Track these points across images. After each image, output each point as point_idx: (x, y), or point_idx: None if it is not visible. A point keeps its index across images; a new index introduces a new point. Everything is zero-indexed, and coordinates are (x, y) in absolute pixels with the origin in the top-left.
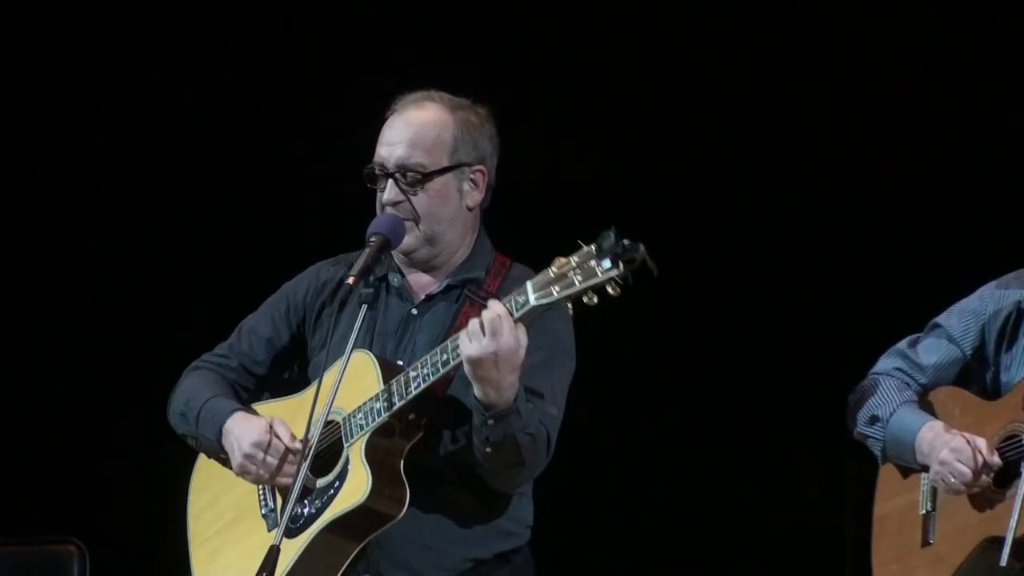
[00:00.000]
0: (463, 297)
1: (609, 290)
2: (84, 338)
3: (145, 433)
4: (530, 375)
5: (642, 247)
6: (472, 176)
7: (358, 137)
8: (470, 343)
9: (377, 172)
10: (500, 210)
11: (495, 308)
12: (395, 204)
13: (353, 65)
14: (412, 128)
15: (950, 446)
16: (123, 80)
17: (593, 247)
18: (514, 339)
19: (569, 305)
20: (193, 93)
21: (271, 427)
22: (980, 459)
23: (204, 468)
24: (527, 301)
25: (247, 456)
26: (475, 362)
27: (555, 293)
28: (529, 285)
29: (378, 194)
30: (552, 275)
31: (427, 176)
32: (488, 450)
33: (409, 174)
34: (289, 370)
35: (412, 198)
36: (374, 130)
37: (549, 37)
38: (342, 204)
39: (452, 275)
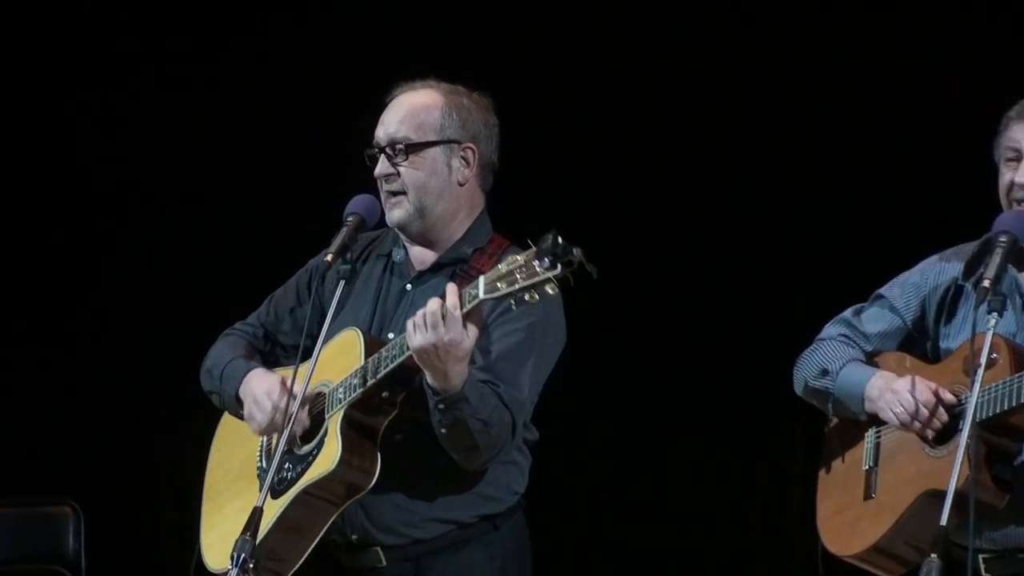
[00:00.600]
0: (456, 274)
1: (548, 290)
2: (84, 307)
3: (140, 400)
4: (499, 360)
5: (578, 251)
6: (462, 153)
7: (359, 133)
8: (415, 333)
9: (375, 152)
10: (517, 196)
11: (437, 302)
12: (386, 177)
13: (351, 65)
14: (404, 108)
15: (899, 382)
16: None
17: (535, 248)
18: (457, 332)
19: (529, 303)
20: (198, 90)
21: (283, 381)
22: (927, 394)
23: (226, 425)
24: (477, 295)
25: (256, 402)
26: (418, 352)
27: (501, 289)
28: (481, 280)
29: (375, 171)
30: (502, 271)
31: (412, 147)
32: (443, 431)
33: (397, 147)
34: (311, 338)
35: (401, 169)
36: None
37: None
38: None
39: (445, 254)
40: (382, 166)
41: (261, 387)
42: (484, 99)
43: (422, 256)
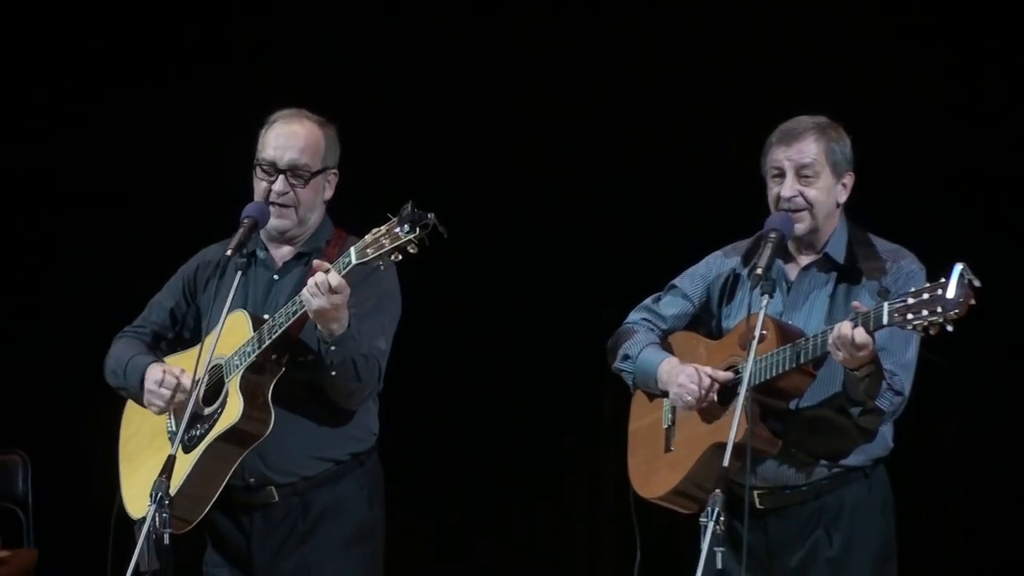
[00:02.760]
0: (311, 262)
1: (410, 249)
2: (34, 261)
3: (81, 356)
4: (362, 319)
5: (432, 216)
6: (331, 176)
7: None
8: (312, 299)
9: (268, 168)
10: (346, 195)
11: (322, 275)
12: (283, 194)
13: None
14: (300, 137)
15: (685, 372)
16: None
17: (396, 218)
18: (342, 287)
19: (392, 261)
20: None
21: (166, 370)
22: (706, 380)
23: (131, 408)
24: (351, 261)
25: (149, 392)
26: (317, 311)
27: (370, 254)
28: (352, 250)
29: (262, 184)
30: (368, 241)
31: (311, 175)
32: (333, 373)
33: (299, 172)
34: (189, 330)
35: (297, 191)
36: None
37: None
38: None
39: (303, 246)
40: (281, 186)
41: (152, 378)
42: (334, 127)
43: (282, 252)
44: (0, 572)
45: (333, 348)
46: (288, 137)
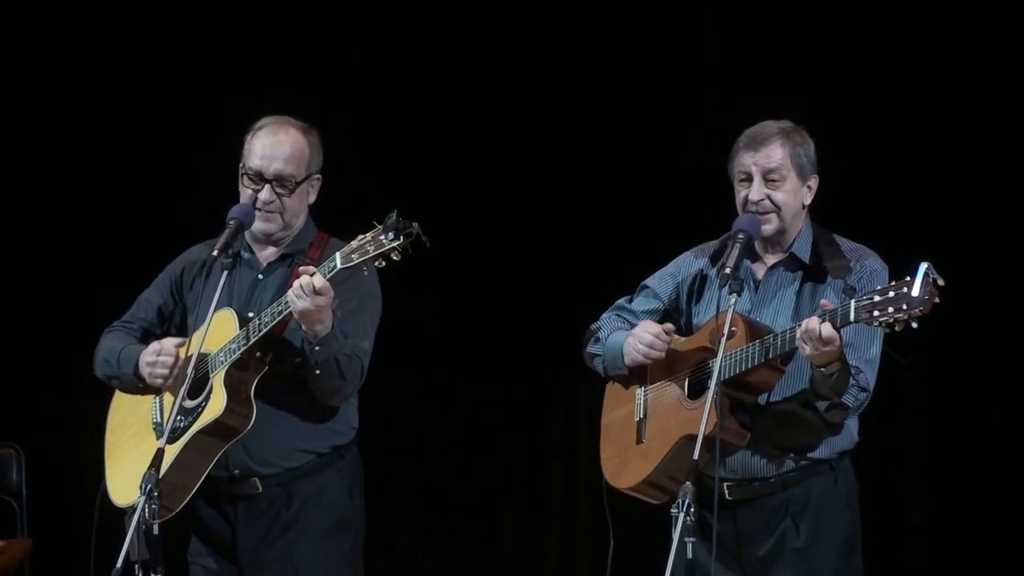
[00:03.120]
0: (294, 263)
1: (394, 256)
2: (25, 259)
3: (74, 354)
4: (345, 319)
5: (416, 225)
6: (314, 182)
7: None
8: (298, 300)
9: (254, 176)
10: (330, 198)
11: (307, 277)
12: (269, 202)
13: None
14: (285, 147)
15: (639, 327)
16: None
17: (381, 225)
18: (326, 289)
19: (375, 266)
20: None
21: (163, 343)
22: (655, 328)
23: (118, 400)
24: (336, 266)
25: (150, 364)
26: (302, 312)
27: (355, 259)
28: (338, 255)
29: (248, 191)
30: (354, 247)
31: (297, 183)
32: (317, 371)
33: (285, 182)
34: (176, 326)
35: (283, 199)
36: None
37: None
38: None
39: (286, 247)
40: (268, 194)
41: (149, 352)
42: (317, 133)
43: (266, 253)
44: None
45: (318, 348)
46: (274, 147)
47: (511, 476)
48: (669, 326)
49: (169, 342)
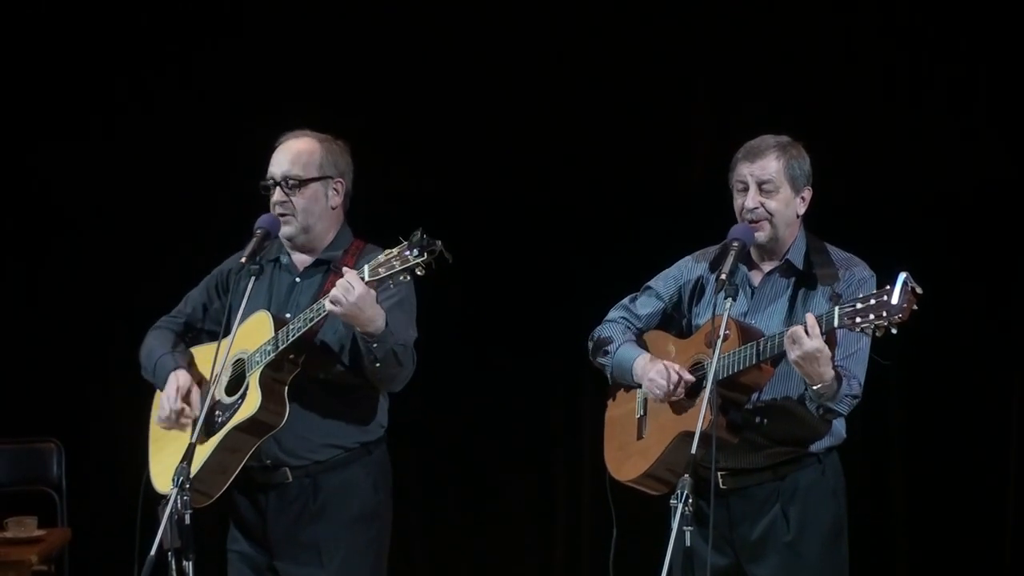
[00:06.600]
0: (330, 269)
1: (418, 271)
2: (66, 257)
3: (111, 350)
4: (390, 313)
5: (439, 243)
6: (334, 185)
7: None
8: (336, 306)
9: (269, 183)
10: (370, 208)
11: (344, 283)
12: (281, 203)
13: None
14: (292, 152)
15: (656, 369)
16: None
17: (407, 242)
18: (364, 290)
19: (402, 281)
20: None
21: (179, 387)
22: (675, 377)
23: (160, 393)
24: (363, 278)
25: (160, 407)
26: (343, 316)
27: (381, 272)
28: (366, 268)
29: (271, 198)
30: (381, 260)
31: (302, 183)
32: (377, 365)
33: (290, 181)
34: (217, 323)
35: (293, 199)
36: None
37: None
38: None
39: (322, 254)
40: (278, 195)
41: (168, 393)
42: (345, 144)
43: (303, 259)
44: (37, 549)
45: (375, 345)
46: (284, 153)
47: (521, 466)
48: (690, 378)
49: (176, 393)
